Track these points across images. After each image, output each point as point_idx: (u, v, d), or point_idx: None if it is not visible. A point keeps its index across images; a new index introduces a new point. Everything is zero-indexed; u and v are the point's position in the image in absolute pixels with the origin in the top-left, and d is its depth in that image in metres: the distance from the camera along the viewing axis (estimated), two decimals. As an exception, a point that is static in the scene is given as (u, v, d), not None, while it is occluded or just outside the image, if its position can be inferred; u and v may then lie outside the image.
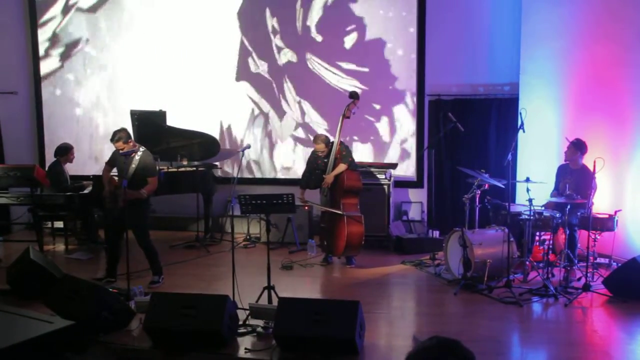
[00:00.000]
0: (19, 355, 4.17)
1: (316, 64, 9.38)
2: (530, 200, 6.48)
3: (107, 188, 6.68)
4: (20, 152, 9.98)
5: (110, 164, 6.85)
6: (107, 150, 9.75)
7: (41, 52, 10.16)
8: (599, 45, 7.56)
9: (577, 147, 7.02)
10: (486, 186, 7.13)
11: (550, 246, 6.89)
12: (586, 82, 7.76)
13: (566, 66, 7.99)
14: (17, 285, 6.35)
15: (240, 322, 5.30)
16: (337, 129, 7.62)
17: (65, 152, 8.76)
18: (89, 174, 9.13)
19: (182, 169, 8.68)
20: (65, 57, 10.14)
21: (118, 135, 6.58)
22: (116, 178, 6.73)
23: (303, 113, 9.52)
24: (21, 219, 8.94)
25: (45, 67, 10.18)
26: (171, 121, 9.08)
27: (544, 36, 8.14)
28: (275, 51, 9.52)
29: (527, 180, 6.70)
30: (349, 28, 9.25)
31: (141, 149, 6.75)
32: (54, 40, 10.12)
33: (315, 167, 7.73)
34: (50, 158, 9.32)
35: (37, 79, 10.21)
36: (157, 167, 7.06)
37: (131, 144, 6.65)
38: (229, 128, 9.78)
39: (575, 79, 7.90)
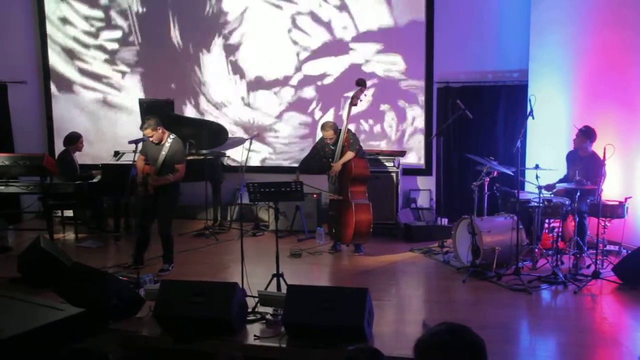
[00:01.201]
0: (31, 341, 4.21)
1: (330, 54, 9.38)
2: (539, 188, 6.46)
3: (139, 176, 6.70)
4: (30, 141, 10.00)
5: (142, 152, 6.86)
6: (116, 139, 9.85)
7: (50, 42, 10.19)
8: (610, 30, 7.49)
9: (586, 135, 6.98)
10: (495, 173, 7.10)
11: (560, 233, 6.86)
12: (597, 69, 7.69)
13: (576, 52, 7.92)
14: (27, 273, 6.39)
15: (250, 310, 5.32)
16: (344, 117, 7.60)
17: (74, 140, 8.80)
18: (98, 162, 9.16)
19: (191, 157, 8.68)
20: (75, 45, 10.17)
21: (147, 123, 6.64)
22: (147, 166, 6.76)
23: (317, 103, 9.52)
24: (31, 207, 8.99)
25: (53, 57, 10.22)
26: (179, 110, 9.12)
27: (554, 22, 8.06)
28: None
29: (537, 167, 6.68)
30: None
31: (171, 137, 6.78)
32: (62, 28, 10.16)
33: (323, 154, 7.72)
34: (59, 147, 9.36)
35: (45, 68, 10.22)
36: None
37: (160, 130, 6.67)
38: (237, 115, 9.79)
39: (585, 65, 7.84)
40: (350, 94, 7.61)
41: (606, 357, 4.92)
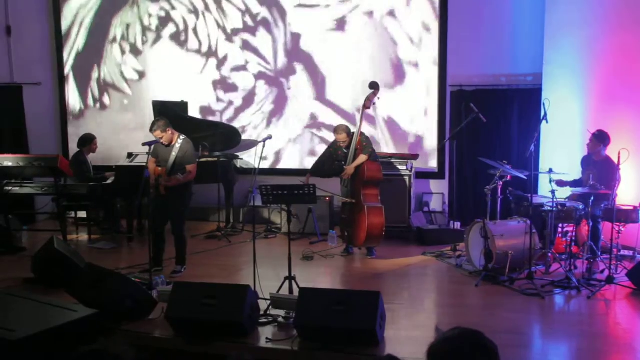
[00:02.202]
0: (44, 342, 4.23)
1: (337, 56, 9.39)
2: (553, 192, 6.42)
3: (151, 177, 6.75)
4: (44, 142, 10.08)
5: (153, 155, 6.86)
6: (128, 141, 9.89)
7: (65, 43, 10.26)
8: (626, 32, 7.43)
9: (599, 139, 6.94)
10: (508, 177, 7.08)
11: (573, 238, 6.82)
12: (612, 71, 7.64)
13: (591, 55, 7.87)
14: (41, 274, 6.43)
15: (262, 312, 5.32)
16: (357, 120, 7.60)
17: (88, 142, 8.84)
18: (111, 164, 9.20)
19: (204, 160, 8.71)
20: (89, 48, 10.23)
21: (156, 125, 6.67)
22: (159, 168, 6.81)
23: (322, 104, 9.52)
24: (45, 208, 9.05)
25: (69, 57, 10.29)
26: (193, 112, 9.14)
27: (569, 25, 8.02)
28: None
29: (550, 171, 6.64)
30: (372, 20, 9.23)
31: (181, 137, 6.82)
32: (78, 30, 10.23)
33: (336, 157, 7.72)
34: (73, 149, 9.42)
35: (60, 70, 10.30)
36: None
37: (169, 132, 6.70)
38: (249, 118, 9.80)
39: (600, 68, 7.78)
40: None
41: (620, 363, 4.88)
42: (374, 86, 7.59)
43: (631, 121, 7.35)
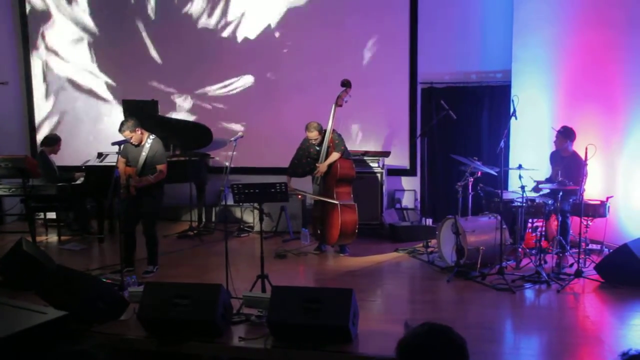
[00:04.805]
0: (13, 346, 4.17)
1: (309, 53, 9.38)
2: (522, 187, 6.50)
3: (122, 177, 6.68)
4: (12, 142, 9.90)
5: (123, 155, 6.78)
6: (99, 139, 9.78)
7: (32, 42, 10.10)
8: (591, 31, 7.55)
9: (565, 135, 7.05)
10: (479, 174, 7.14)
11: (543, 233, 6.92)
12: (579, 69, 7.76)
13: (559, 53, 7.98)
14: (9, 276, 6.32)
15: (234, 311, 5.30)
16: (329, 118, 7.60)
17: (52, 142, 8.68)
18: (81, 164, 9.09)
19: (175, 159, 8.65)
20: (59, 47, 10.09)
21: (125, 125, 6.60)
22: (129, 167, 6.74)
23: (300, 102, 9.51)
24: (13, 210, 8.91)
25: (36, 57, 10.13)
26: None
27: (537, 23, 8.12)
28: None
29: (520, 167, 6.72)
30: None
31: (151, 137, 6.76)
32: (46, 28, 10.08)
33: (308, 155, 7.70)
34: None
35: (27, 69, 10.13)
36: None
37: (138, 132, 6.64)
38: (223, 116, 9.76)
39: (567, 65, 7.90)
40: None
41: (588, 354, 4.95)
42: (346, 84, 7.59)
43: (598, 117, 7.47)
